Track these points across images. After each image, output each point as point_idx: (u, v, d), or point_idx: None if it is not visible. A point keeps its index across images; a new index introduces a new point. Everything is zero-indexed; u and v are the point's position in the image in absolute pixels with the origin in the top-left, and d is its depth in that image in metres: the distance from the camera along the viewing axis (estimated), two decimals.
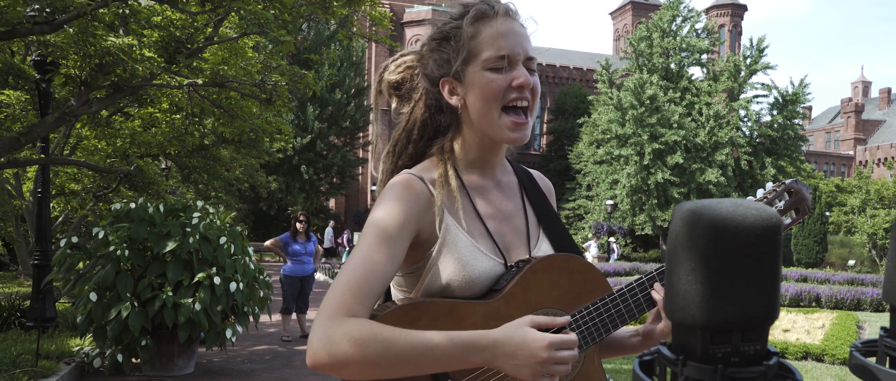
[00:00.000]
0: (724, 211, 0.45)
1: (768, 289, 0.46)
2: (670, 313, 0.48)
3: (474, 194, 1.33)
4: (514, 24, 1.29)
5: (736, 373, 0.46)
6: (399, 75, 1.39)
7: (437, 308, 1.20)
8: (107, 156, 10.16)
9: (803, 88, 38.10)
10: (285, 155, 30.53)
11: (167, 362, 6.88)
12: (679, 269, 0.46)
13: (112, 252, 6.39)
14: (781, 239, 0.46)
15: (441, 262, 1.24)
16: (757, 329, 0.47)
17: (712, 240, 0.45)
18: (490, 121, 1.27)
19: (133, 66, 6.44)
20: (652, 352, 0.52)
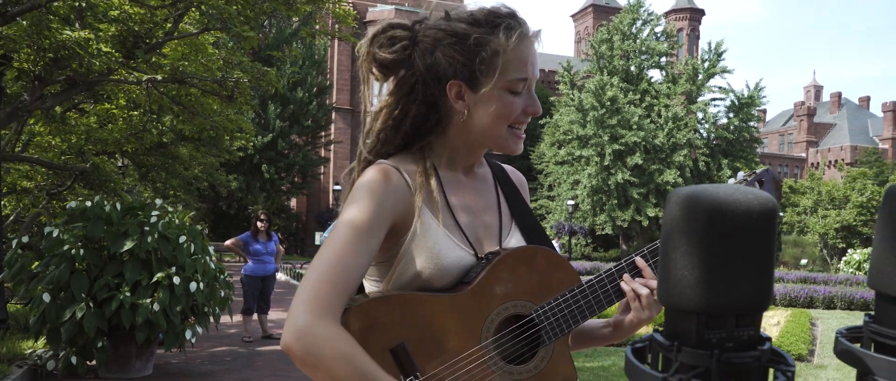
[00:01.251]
0: (722, 195, 0.45)
1: (764, 274, 0.46)
2: (665, 299, 0.48)
3: (449, 188, 1.32)
4: (535, 48, 1.28)
5: (732, 358, 0.46)
6: (393, 54, 1.27)
7: (407, 301, 1.20)
8: (61, 153, 9.89)
9: (758, 91, 39.00)
10: (246, 154, 30.10)
11: (124, 364, 6.72)
12: (675, 254, 0.46)
13: (67, 252, 6.22)
14: (777, 223, 0.46)
15: (412, 251, 1.23)
16: (752, 314, 0.47)
17: (710, 224, 0.44)
18: (495, 135, 1.27)
19: (89, 60, 6.28)
20: (644, 339, 0.51)
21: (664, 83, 40.19)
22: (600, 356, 8.47)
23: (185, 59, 7.50)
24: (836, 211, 40.90)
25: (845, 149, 72.70)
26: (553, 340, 1.26)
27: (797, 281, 18.83)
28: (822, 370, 8.00)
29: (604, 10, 66.72)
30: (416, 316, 1.19)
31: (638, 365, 0.48)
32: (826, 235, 40.12)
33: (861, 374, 0.54)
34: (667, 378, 0.46)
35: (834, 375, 7.71)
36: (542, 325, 1.25)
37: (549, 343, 1.26)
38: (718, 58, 39.04)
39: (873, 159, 57.96)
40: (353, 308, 1.16)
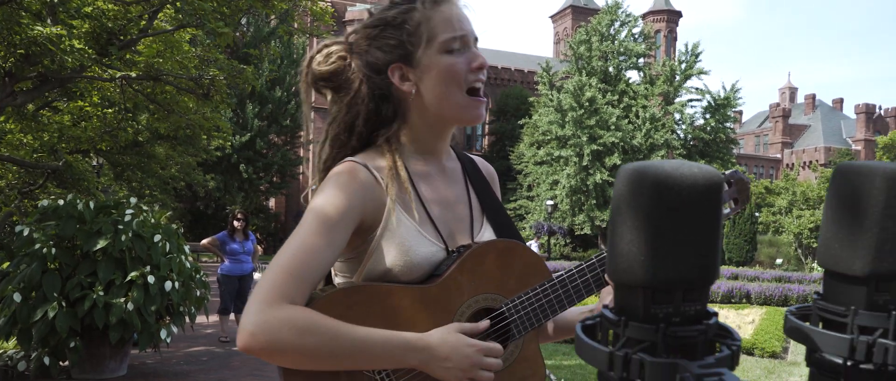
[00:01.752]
0: (668, 169, 0.45)
1: (710, 248, 0.46)
2: (612, 275, 0.48)
3: (419, 181, 1.32)
4: (462, 9, 1.29)
5: (677, 332, 0.46)
6: (330, 66, 1.33)
7: (375, 292, 1.19)
8: (33, 151, 9.73)
9: (734, 92, 39.44)
10: (224, 153, 29.84)
11: (98, 364, 6.64)
12: (622, 228, 0.46)
13: (38, 251, 6.12)
14: (722, 198, 0.46)
15: (383, 246, 1.23)
16: (698, 289, 0.47)
17: (656, 198, 0.45)
18: (451, 103, 1.26)
19: (61, 57, 6.19)
20: (595, 316, 0.52)
21: (642, 84, 40.52)
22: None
23: (160, 56, 7.41)
24: (811, 211, 41.47)
25: (819, 150, 73.76)
26: (523, 334, 1.26)
27: (772, 280, 19.07)
28: (796, 366, 8.11)
29: (582, 11, 67.10)
30: (385, 307, 1.18)
31: (586, 341, 0.48)
32: (801, 234, 40.66)
33: (809, 351, 0.54)
34: (612, 353, 0.46)
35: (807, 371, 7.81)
36: (512, 318, 1.25)
37: (519, 337, 1.27)
38: (695, 59, 39.43)
39: (846, 160, 58.72)
40: (320, 299, 1.16)
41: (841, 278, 0.52)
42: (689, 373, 0.42)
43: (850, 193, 0.51)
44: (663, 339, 0.46)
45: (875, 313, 0.51)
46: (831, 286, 0.53)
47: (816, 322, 0.54)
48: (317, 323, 1.09)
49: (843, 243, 0.51)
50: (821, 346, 0.52)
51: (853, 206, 0.51)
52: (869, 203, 0.50)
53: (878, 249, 0.50)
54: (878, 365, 0.50)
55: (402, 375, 1.21)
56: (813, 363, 0.54)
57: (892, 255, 0.50)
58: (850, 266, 0.51)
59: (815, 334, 0.52)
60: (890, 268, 0.50)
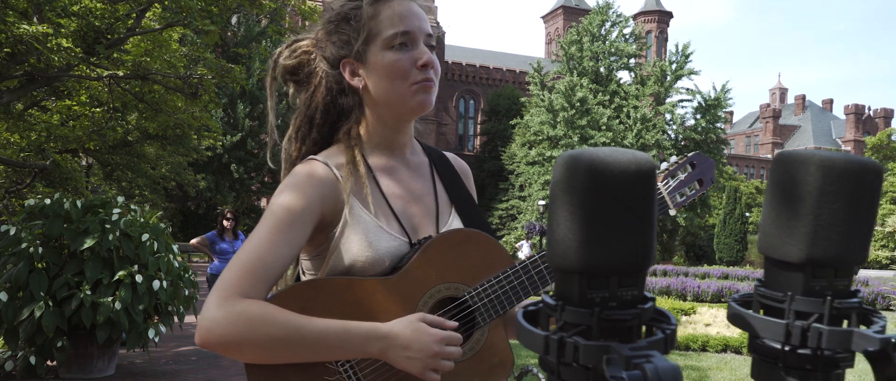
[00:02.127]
0: (601, 155, 0.46)
1: (643, 233, 0.47)
2: (550, 260, 0.48)
3: (381, 176, 1.32)
4: (412, 5, 1.29)
5: (611, 315, 0.47)
6: (295, 60, 1.37)
7: (335, 286, 1.20)
8: (20, 150, 9.67)
9: (725, 93, 39.61)
10: (214, 153, 29.78)
11: (85, 363, 6.60)
12: (557, 214, 0.47)
13: (25, 250, 6.09)
14: (655, 184, 0.47)
15: (344, 243, 1.23)
16: (633, 274, 0.48)
17: (589, 183, 0.45)
18: (396, 96, 1.27)
19: (48, 55, 6.16)
20: (537, 303, 0.52)
21: (633, 84, 40.66)
22: None
23: (148, 55, 7.39)
24: None
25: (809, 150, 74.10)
26: (488, 321, 1.26)
27: None
28: None
29: (574, 12, 67.24)
30: (345, 300, 1.19)
31: (524, 326, 0.49)
32: None
33: (751, 337, 0.55)
34: (548, 336, 0.47)
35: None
36: (476, 306, 1.25)
37: (484, 325, 1.27)
38: (686, 59, 39.58)
39: None
40: (281, 293, 1.16)
41: (779, 265, 0.53)
42: (619, 355, 0.43)
43: (787, 180, 0.52)
44: (598, 323, 0.47)
45: (811, 299, 0.52)
46: (771, 273, 0.54)
47: (757, 309, 0.55)
48: (271, 315, 1.10)
49: (781, 230, 0.52)
50: (759, 331, 0.53)
51: (789, 193, 0.52)
52: (804, 190, 0.51)
53: (812, 235, 0.51)
54: (813, 349, 0.51)
55: (365, 367, 1.21)
56: (754, 350, 0.55)
57: (826, 241, 0.51)
58: (787, 253, 0.52)
59: (753, 319, 0.53)
60: (825, 254, 0.51)
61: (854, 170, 0.50)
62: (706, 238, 39.83)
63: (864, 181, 0.51)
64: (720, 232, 36.54)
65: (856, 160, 0.51)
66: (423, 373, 1.16)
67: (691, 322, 10.95)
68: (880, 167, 0.52)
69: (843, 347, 0.50)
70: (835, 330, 0.50)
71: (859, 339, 0.49)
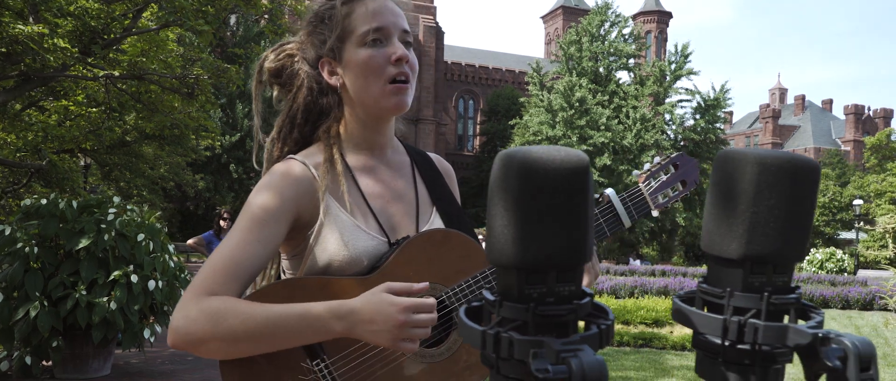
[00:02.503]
0: (535, 153, 0.46)
1: (579, 229, 0.48)
2: (489, 255, 0.49)
3: (360, 175, 1.32)
4: (387, 2, 1.30)
5: (547, 310, 0.47)
6: (278, 62, 1.38)
7: (311, 285, 1.19)
8: (17, 150, 9.68)
9: (724, 93, 39.62)
10: (213, 153, 29.80)
11: (81, 364, 6.61)
12: (494, 211, 0.48)
13: (20, 249, 6.10)
14: (590, 182, 0.48)
15: (321, 242, 1.24)
16: (570, 270, 0.49)
17: (523, 181, 0.46)
18: (371, 95, 1.27)
19: (44, 55, 6.17)
20: (480, 300, 0.53)
21: (632, 85, 40.67)
22: None
23: (145, 55, 7.39)
24: None
25: (809, 150, 74.18)
26: None
27: None
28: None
29: (573, 12, 67.25)
30: (323, 298, 1.18)
31: (464, 322, 0.50)
32: None
33: (695, 333, 0.56)
34: (484, 331, 0.47)
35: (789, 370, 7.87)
36: (454, 306, 1.25)
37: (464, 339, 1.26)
38: (685, 60, 39.60)
39: (836, 161, 59.20)
40: (256, 293, 1.17)
41: (719, 262, 0.54)
42: (550, 349, 0.44)
43: (726, 178, 0.53)
44: (533, 318, 0.47)
45: (749, 295, 0.52)
46: (712, 270, 0.55)
47: (700, 305, 0.56)
48: (232, 308, 1.10)
49: (720, 227, 0.53)
50: (699, 327, 0.54)
51: (727, 191, 0.52)
52: (741, 188, 0.52)
53: (750, 232, 0.51)
54: (751, 344, 0.52)
55: (340, 366, 1.20)
56: (697, 345, 0.56)
57: (764, 238, 0.51)
58: (726, 249, 0.53)
59: (694, 315, 0.54)
60: (762, 251, 0.52)
61: (790, 168, 0.51)
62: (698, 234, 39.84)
63: (800, 179, 0.52)
64: None
65: (792, 158, 0.52)
66: (394, 345, 1.11)
67: None
68: (816, 165, 0.52)
69: (779, 342, 0.51)
70: (770, 325, 0.51)
71: (794, 334, 0.50)
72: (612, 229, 1.39)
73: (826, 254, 24.42)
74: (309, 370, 1.19)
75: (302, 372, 1.19)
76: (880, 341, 10.28)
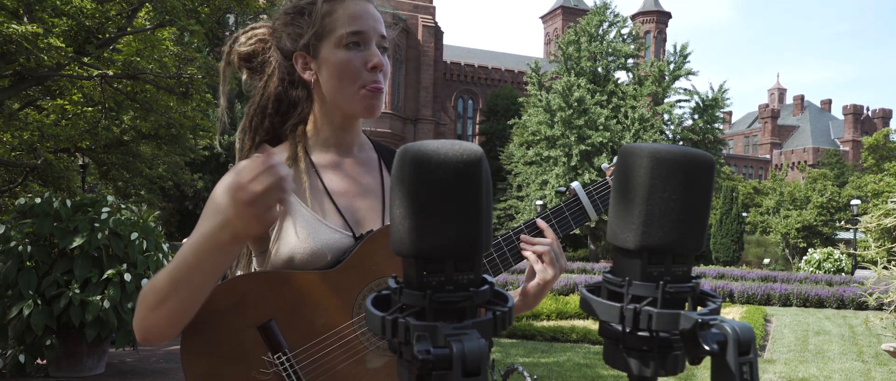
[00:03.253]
0: (429, 147, 0.49)
1: (472, 220, 0.50)
2: (391, 245, 0.52)
3: (325, 172, 1.33)
4: (367, 6, 1.30)
5: (443, 297, 0.50)
6: (250, 47, 1.37)
7: (273, 279, 1.20)
8: (12, 149, 9.70)
9: (723, 93, 39.62)
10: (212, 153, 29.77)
11: (75, 362, 6.63)
12: (394, 203, 0.50)
13: (14, 248, 6.12)
14: (483, 174, 0.50)
15: (282, 237, 1.25)
16: (468, 259, 0.51)
17: (416, 174, 0.48)
18: (343, 96, 1.27)
19: (38, 55, 6.19)
20: (388, 289, 0.55)
21: (631, 85, 40.66)
22: (556, 352, 8.56)
23: (139, 54, 7.41)
24: (798, 211, 41.71)
25: (808, 150, 74.19)
26: None
27: (757, 280, 19.21)
28: (771, 364, 8.18)
29: (573, 12, 67.24)
30: (285, 292, 1.19)
31: (370, 310, 0.52)
32: (788, 234, 40.89)
33: (600, 322, 0.58)
34: (384, 317, 0.50)
35: (782, 369, 7.89)
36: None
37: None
38: (684, 60, 39.60)
39: (834, 161, 59.21)
40: (220, 286, 1.18)
41: (621, 252, 0.56)
42: (436, 333, 0.46)
43: (624, 172, 0.55)
44: (430, 304, 0.50)
45: (647, 284, 0.55)
46: (616, 260, 0.57)
47: (605, 295, 0.58)
48: (153, 278, 1.12)
49: (621, 219, 0.55)
50: (600, 315, 0.56)
51: (626, 184, 0.55)
52: (638, 182, 0.54)
53: (645, 224, 0.54)
54: (648, 331, 0.54)
55: (303, 359, 1.21)
56: (603, 333, 0.58)
57: (659, 230, 0.54)
58: (625, 240, 0.55)
59: (595, 303, 0.56)
60: (657, 242, 0.54)
61: (683, 161, 0.53)
62: None
63: (694, 173, 0.54)
64: (716, 232, 36.56)
65: (686, 152, 0.54)
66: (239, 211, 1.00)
67: None
68: (711, 159, 0.55)
69: (673, 328, 0.53)
70: (663, 312, 0.53)
71: (683, 320, 0.52)
72: (577, 222, 1.39)
73: (823, 254, 24.45)
74: (270, 364, 1.19)
75: (263, 365, 1.19)
76: (872, 340, 10.31)
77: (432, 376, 0.44)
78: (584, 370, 7.46)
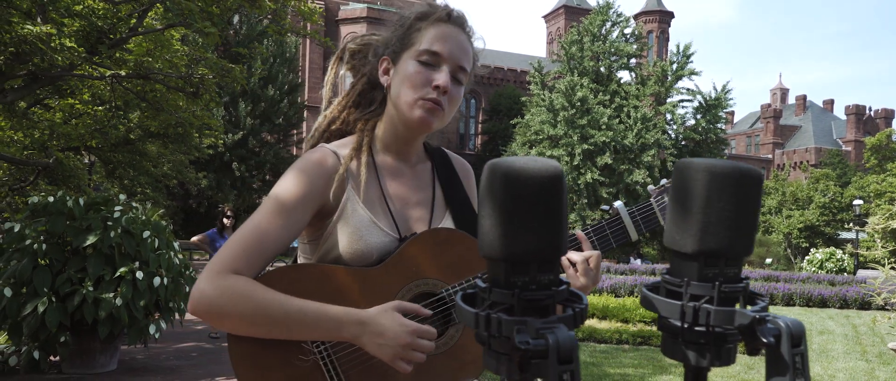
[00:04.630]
0: (516, 164, 0.56)
1: (555, 228, 0.57)
2: (480, 250, 0.58)
3: (385, 175, 1.41)
4: (459, 34, 1.38)
5: (528, 296, 0.57)
6: (358, 47, 1.50)
7: (319, 272, 1.28)
8: (24, 148, 9.78)
9: (725, 93, 39.66)
10: (216, 151, 29.86)
11: (88, 359, 6.72)
12: (483, 213, 0.57)
13: (29, 246, 6.20)
14: (562, 188, 0.57)
15: (337, 232, 1.32)
16: (550, 262, 0.58)
17: (506, 187, 0.55)
18: (404, 103, 1.35)
19: (52, 55, 6.26)
20: (475, 288, 0.62)
21: (633, 84, 40.70)
22: None
23: (150, 55, 7.49)
24: (800, 211, 41.76)
25: (810, 150, 74.16)
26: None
27: (760, 279, 19.27)
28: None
29: (575, 12, 67.26)
30: (327, 286, 1.27)
31: (461, 306, 0.59)
32: (790, 234, 40.94)
33: (659, 317, 0.65)
34: (477, 313, 0.57)
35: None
36: (452, 303, 1.32)
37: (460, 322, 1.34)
38: (686, 60, 39.64)
39: (836, 161, 59.20)
40: (271, 272, 1.25)
41: (679, 256, 0.63)
42: (531, 327, 0.53)
43: (682, 185, 0.62)
44: (518, 301, 0.57)
45: (704, 284, 0.61)
46: (673, 263, 0.64)
47: (663, 293, 0.65)
48: (254, 292, 1.20)
49: (679, 227, 0.62)
50: (662, 311, 0.63)
51: (684, 196, 0.61)
52: (694, 193, 0.61)
53: (702, 231, 0.60)
54: (705, 326, 0.61)
55: (340, 350, 1.29)
56: (662, 328, 0.65)
57: (714, 236, 0.60)
58: (684, 245, 0.62)
59: (657, 301, 0.63)
60: (713, 247, 0.61)
61: (736, 175, 0.60)
62: None
63: (745, 185, 0.61)
64: None
65: (738, 167, 0.61)
66: (393, 362, 1.21)
67: None
68: (760, 173, 0.62)
69: (728, 323, 0.60)
70: (720, 309, 0.60)
71: (739, 316, 0.59)
72: (618, 241, 1.45)
73: (826, 254, 24.50)
74: (309, 352, 1.27)
75: (303, 353, 1.27)
76: (876, 340, 10.37)
77: (531, 364, 0.51)
78: (591, 368, 7.53)
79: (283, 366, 1.27)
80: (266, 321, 1.19)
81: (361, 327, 1.21)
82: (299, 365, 1.27)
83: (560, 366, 0.50)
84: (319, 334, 1.22)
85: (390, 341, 1.20)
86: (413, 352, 1.21)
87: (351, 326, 1.21)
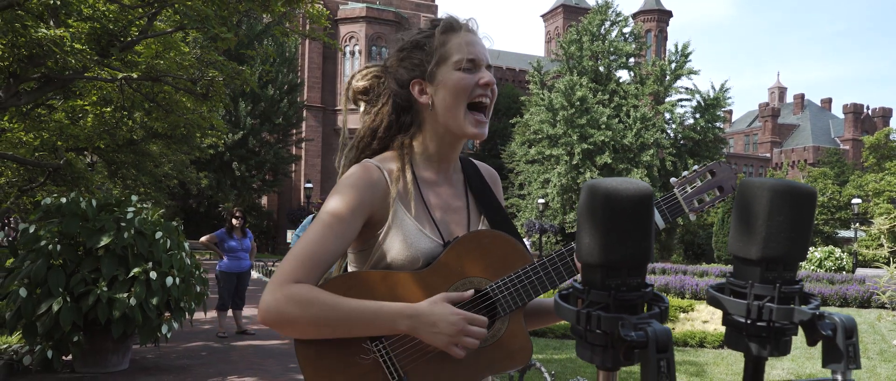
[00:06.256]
0: (612, 184, 0.66)
1: (644, 239, 0.67)
2: (580, 258, 0.68)
3: (425, 187, 1.53)
4: (477, 37, 1.53)
5: (623, 296, 0.67)
6: (367, 82, 1.60)
7: (372, 278, 1.40)
8: (33, 149, 9.86)
9: (724, 92, 39.80)
10: (216, 151, 29.95)
11: (100, 358, 6.80)
12: (584, 226, 0.67)
13: (43, 247, 6.28)
14: (652, 205, 0.67)
15: (388, 242, 1.44)
16: (638, 267, 0.68)
17: (605, 205, 0.65)
18: (455, 115, 1.48)
19: (64, 58, 6.35)
20: (569, 289, 0.72)
21: (632, 84, 40.84)
22: (568, 349, 8.74)
23: (160, 57, 7.57)
24: None
25: (808, 149, 74.41)
26: (508, 312, 1.44)
27: None
28: (779, 360, 8.36)
29: (574, 11, 67.40)
30: (381, 289, 1.39)
31: (562, 304, 0.69)
32: None
33: (724, 314, 0.75)
34: (578, 311, 0.67)
35: (789, 365, 8.07)
36: (497, 298, 1.43)
37: (505, 315, 1.45)
38: (685, 59, 39.78)
39: (834, 160, 59.41)
40: (327, 283, 1.38)
41: (743, 262, 0.73)
42: (629, 322, 0.63)
43: (746, 201, 0.72)
44: (614, 301, 0.67)
45: (766, 286, 0.72)
46: (738, 268, 0.74)
47: (728, 293, 0.75)
48: (317, 297, 1.32)
49: (744, 237, 0.72)
50: (729, 309, 0.73)
51: (748, 210, 0.72)
52: (758, 208, 0.71)
53: (765, 240, 0.71)
54: (766, 322, 0.71)
55: (397, 347, 1.40)
56: (727, 324, 0.75)
57: (776, 245, 0.71)
58: (748, 253, 0.72)
59: (725, 301, 0.73)
60: (774, 254, 0.71)
61: (794, 193, 0.70)
62: (704, 237, 40.07)
63: (801, 201, 0.71)
64: (718, 231, 36.76)
65: (795, 186, 0.71)
66: (448, 347, 1.34)
67: (689, 319, 11.15)
68: (813, 191, 0.72)
69: (787, 319, 0.70)
70: (781, 307, 0.70)
71: (798, 313, 0.69)
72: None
73: (824, 252, 24.63)
74: (369, 351, 1.39)
75: (363, 352, 1.39)
76: (877, 337, 10.49)
77: (634, 353, 0.61)
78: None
79: (347, 367, 1.38)
80: (330, 322, 1.32)
81: (415, 318, 1.33)
82: (360, 364, 1.38)
83: (658, 355, 0.60)
84: (378, 329, 1.34)
85: (444, 329, 1.33)
86: (466, 338, 1.34)
87: (406, 318, 1.33)
